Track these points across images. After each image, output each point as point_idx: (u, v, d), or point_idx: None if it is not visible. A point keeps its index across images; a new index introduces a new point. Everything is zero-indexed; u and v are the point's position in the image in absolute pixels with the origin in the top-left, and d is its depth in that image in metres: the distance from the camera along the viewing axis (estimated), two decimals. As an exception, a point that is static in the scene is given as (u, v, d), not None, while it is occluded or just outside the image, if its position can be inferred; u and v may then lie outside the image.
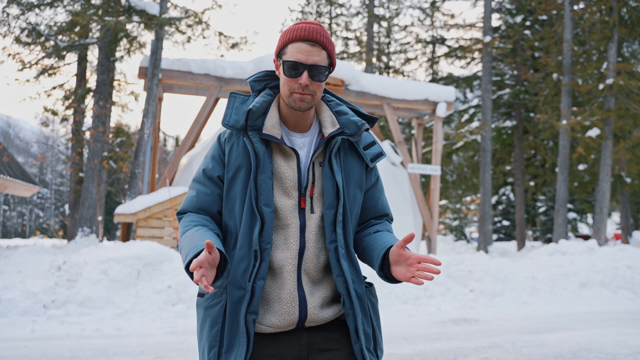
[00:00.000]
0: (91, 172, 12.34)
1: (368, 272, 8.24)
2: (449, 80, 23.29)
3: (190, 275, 1.48)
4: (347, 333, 1.72)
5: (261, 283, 1.61)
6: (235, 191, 1.68)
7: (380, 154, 1.78)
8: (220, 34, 13.95)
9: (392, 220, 1.90)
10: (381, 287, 8.34)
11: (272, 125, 1.68)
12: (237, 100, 1.73)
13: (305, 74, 1.63)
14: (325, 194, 1.68)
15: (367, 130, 1.78)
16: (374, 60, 23.07)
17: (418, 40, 25.99)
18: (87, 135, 12.73)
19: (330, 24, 27.19)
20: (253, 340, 1.62)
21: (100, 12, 12.52)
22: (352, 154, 1.76)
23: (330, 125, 1.73)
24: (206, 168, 1.73)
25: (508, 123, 22.68)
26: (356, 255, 1.78)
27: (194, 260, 1.41)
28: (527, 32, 21.91)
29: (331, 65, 1.70)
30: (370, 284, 1.79)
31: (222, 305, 1.64)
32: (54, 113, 15.40)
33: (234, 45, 14.17)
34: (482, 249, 17.60)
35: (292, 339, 1.67)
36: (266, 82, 1.79)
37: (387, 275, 1.67)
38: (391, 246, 1.66)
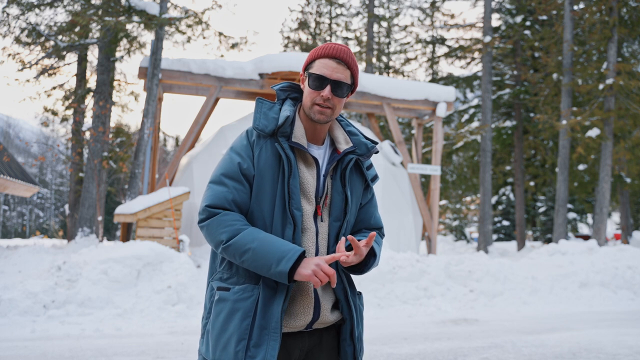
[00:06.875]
0: (91, 172, 12.34)
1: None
2: (449, 80, 23.27)
3: (284, 276, 1.59)
4: (338, 337, 1.82)
5: (294, 283, 1.69)
6: (265, 193, 1.72)
7: (376, 177, 1.94)
8: (220, 34, 13.92)
9: (383, 235, 2.00)
10: (381, 287, 8.34)
11: (300, 134, 1.78)
12: (264, 106, 1.81)
13: (328, 88, 1.73)
14: (333, 206, 1.78)
15: (376, 152, 1.90)
16: (374, 60, 23.05)
17: (418, 40, 25.97)
18: (87, 135, 12.72)
19: (330, 24, 27.21)
20: None
21: (100, 12, 12.50)
22: (356, 172, 1.87)
23: (344, 142, 1.84)
24: (242, 165, 1.74)
25: (508, 123, 22.67)
26: None
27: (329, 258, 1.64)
28: (527, 32, 21.89)
29: (353, 85, 1.81)
30: (360, 293, 1.91)
31: (253, 300, 1.68)
32: (54, 113, 15.38)
33: (234, 46, 14.14)
34: (482, 249, 17.59)
35: (297, 342, 1.75)
36: (289, 92, 1.88)
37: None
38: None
